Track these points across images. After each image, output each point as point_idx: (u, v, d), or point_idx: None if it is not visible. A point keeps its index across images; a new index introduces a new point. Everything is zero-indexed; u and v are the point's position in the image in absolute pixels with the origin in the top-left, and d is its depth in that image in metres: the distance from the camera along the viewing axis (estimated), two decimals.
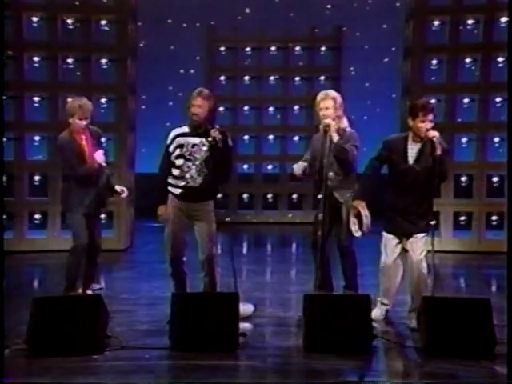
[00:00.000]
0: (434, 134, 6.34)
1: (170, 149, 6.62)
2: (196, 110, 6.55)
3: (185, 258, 6.71)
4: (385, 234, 6.69)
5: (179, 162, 6.59)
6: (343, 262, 7.03)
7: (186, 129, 6.65)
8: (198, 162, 6.56)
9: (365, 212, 6.53)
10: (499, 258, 9.13)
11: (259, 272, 9.27)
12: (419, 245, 6.54)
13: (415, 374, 5.52)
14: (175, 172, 6.61)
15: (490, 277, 9.14)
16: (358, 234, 6.62)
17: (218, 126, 6.62)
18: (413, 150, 6.50)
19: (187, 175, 6.57)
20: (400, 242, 6.65)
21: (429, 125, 6.39)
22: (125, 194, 7.59)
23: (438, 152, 6.31)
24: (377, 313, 6.74)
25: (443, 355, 5.65)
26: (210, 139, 6.47)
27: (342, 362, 5.58)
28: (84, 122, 7.15)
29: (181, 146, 6.58)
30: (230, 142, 6.69)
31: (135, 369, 5.44)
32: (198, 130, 6.58)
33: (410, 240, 6.56)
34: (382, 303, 6.81)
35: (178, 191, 6.62)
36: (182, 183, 6.59)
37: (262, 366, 5.56)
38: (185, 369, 5.47)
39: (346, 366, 5.54)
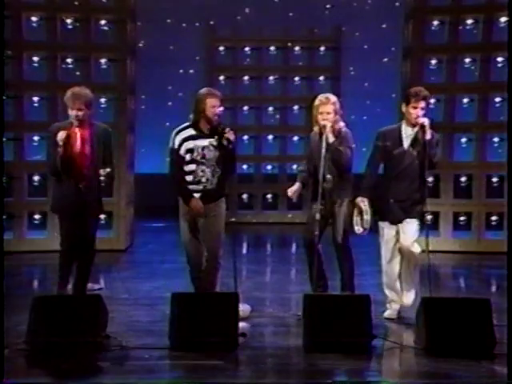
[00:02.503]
0: (424, 120, 6.50)
1: (182, 152, 6.43)
2: (219, 112, 6.50)
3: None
4: (381, 224, 6.72)
5: (191, 167, 6.44)
6: (340, 259, 6.87)
7: (191, 131, 6.50)
8: (210, 164, 6.45)
9: (366, 208, 6.58)
10: (499, 258, 9.11)
11: (259, 272, 9.27)
12: (410, 227, 6.58)
13: (415, 374, 5.52)
14: (188, 178, 6.47)
15: (490, 277, 9.14)
16: (359, 231, 6.64)
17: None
18: (407, 135, 6.63)
19: (203, 179, 6.44)
20: (396, 232, 6.63)
21: (420, 112, 6.53)
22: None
23: (428, 136, 6.48)
24: (389, 311, 6.75)
25: (443, 355, 5.65)
26: (224, 139, 6.40)
27: (342, 362, 5.57)
28: (74, 113, 6.51)
29: (191, 151, 6.45)
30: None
31: (135, 369, 5.43)
32: (205, 131, 6.48)
33: (402, 225, 6.60)
34: (392, 301, 6.77)
35: (196, 196, 6.46)
36: (200, 187, 6.45)
37: (261, 366, 5.56)
38: (185, 369, 5.47)
39: (346, 366, 5.54)
